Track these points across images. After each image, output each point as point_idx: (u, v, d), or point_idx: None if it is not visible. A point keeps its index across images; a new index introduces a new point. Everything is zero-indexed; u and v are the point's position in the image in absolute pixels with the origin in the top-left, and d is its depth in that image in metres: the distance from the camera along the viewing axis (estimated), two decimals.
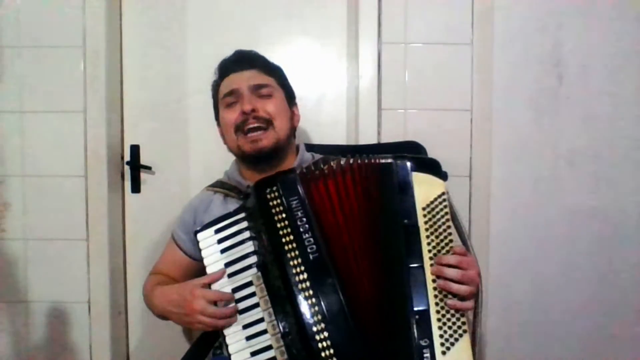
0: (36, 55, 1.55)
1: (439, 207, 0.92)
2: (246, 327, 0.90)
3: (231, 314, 0.91)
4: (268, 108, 1.11)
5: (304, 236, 0.89)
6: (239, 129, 1.11)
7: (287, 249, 0.88)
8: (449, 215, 0.92)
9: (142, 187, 1.66)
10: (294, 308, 0.86)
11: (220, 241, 0.96)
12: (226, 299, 0.92)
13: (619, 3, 1.55)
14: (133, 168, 1.64)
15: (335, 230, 0.91)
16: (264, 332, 0.89)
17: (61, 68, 1.55)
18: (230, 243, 0.96)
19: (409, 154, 0.99)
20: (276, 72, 1.21)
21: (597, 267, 1.59)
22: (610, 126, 1.57)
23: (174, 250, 1.20)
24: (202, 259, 0.97)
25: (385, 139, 1.55)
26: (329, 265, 0.88)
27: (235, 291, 0.93)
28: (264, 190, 0.93)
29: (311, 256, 0.88)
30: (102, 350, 1.58)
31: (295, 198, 0.92)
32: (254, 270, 0.93)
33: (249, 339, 0.90)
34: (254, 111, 1.10)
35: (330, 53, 1.64)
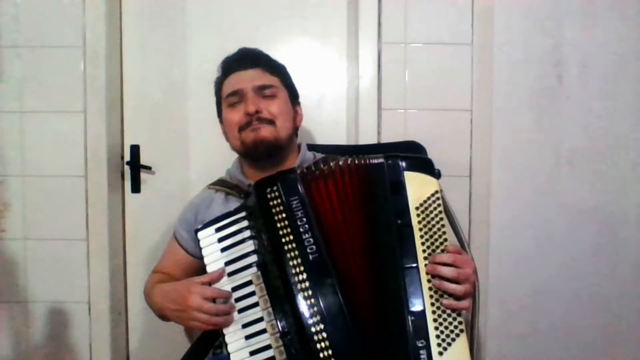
0: (36, 55, 1.55)
1: (433, 206, 0.92)
2: (245, 326, 0.90)
3: (227, 311, 0.91)
4: (272, 109, 1.12)
5: (304, 236, 0.89)
6: (242, 129, 1.11)
7: (286, 248, 0.88)
8: (443, 214, 0.92)
9: (142, 187, 1.66)
10: (293, 308, 0.86)
11: (220, 240, 0.96)
12: (223, 296, 0.92)
13: (619, 3, 1.55)
14: (133, 168, 1.64)
15: (334, 231, 0.91)
16: (263, 331, 0.89)
17: (61, 68, 1.55)
18: (231, 242, 0.95)
19: (408, 153, 0.99)
20: (280, 71, 1.20)
21: (597, 267, 1.58)
22: (610, 126, 1.57)
23: (175, 248, 1.20)
24: (203, 257, 0.97)
25: (385, 139, 1.55)
26: (329, 265, 0.88)
27: (234, 290, 0.92)
28: (265, 189, 0.93)
29: (311, 256, 0.88)
30: (102, 350, 1.58)
31: (295, 198, 0.92)
32: (253, 269, 0.92)
33: (248, 338, 0.89)
34: (257, 112, 1.10)
35: (330, 53, 1.64)
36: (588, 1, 1.55)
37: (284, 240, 0.89)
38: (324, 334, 0.84)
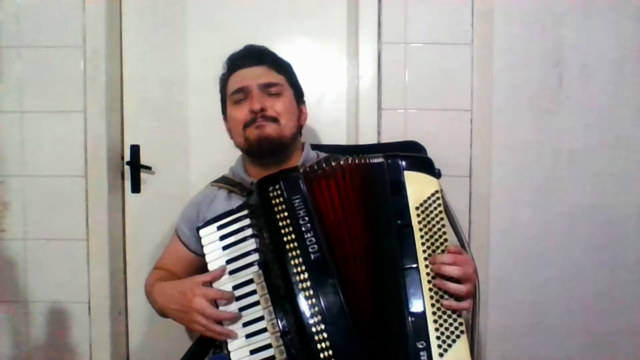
0: (36, 55, 1.55)
1: (433, 206, 0.91)
2: (246, 325, 0.90)
3: (230, 318, 0.90)
4: (277, 107, 1.11)
5: (306, 235, 0.89)
6: (247, 126, 1.11)
7: (288, 247, 0.88)
8: (443, 214, 0.91)
9: (142, 187, 1.66)
10: (293, 307, 0.86)
11: (222, 238, 0.96)
12: (227, 298, 0.92)
13: (619, 3, 1.55)
14: (133, 168, 1.64)
15: (335, 231, 0.91)
16: (263, 330, 0.89)
17: (61, 68, 1.55)
18: (232, 240, 0.95)
19: (407, 153, 0.99)
20: (286, 69, 1.20)
21: (597, 266, 1.59)
22: (610, 126, 1.57)
23: (177, 245, 1.20)
24: (205, 255, 0.97)
25: (385, 139, 1.55)
26: (330, 265, 0.88)
27: (235, 288, 0.92)
28: (267, 188, 0.93)
29: (312, 256, 0.88)
30: (102, 350, 1.58)
31: (297, 197, 0.92)
32: (255, 267, 0.92)
33: (248, 337, 0.89)
34: (262, 110, 1.09)
35: (330, 53, 1.64)
36: (588, 1, 1.55)
37: (285, 239, 0.89)
38: (325, 334, 0.84)
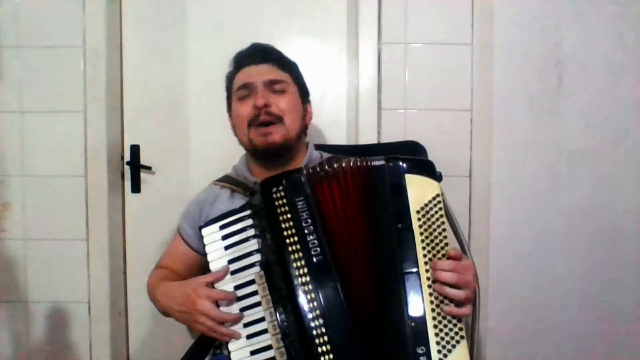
0: (36, 55, 1.55)
1: (434, 210, 0.90)
2: (247, 326, 0.90)
3: (234, 320, 0.90)
4: (281, 104, 1.11)
5: (308, 238, 0.88)
6: (251, 124, 1.11)
7: (290, 250, 0.88)
8: (444, 218, 0.91)
9: (142, 187, 1.66)
10: (294, 309, 0.85)
11: (224, 237, 0.96)
12: (229, 299, 0.91)
13: (619, 3, 1.55)
14: (133, 168, 1.64)
15: (338, 233, 0.90)
16: (264, 331, 0.88)
17: (61, 68, 1.55)
18: (235, 240, 0.95)
19: (408, 154, 0.98)
20: (291, 68, 1.20)
21: (597, 266, 1.59)
22: (610, 126, 1.57)
23: (179, 244, 1.20)
24: (206, 254, 0.97)
25: (385, 139, 1.55)
26: (332, 268, 0.87)
27: (237, 288, 0.92)
28: (270, 189, 0.93)
29: (315, 259, 0.87)
30: (102, 350, 1.58)
31: (301, 198, 0.91)
32: (257, 268, 0.92)
33: (249, 337, 0.89)
34: (266, 106, 1.09)
35: (330, 53, 1.64)
36: (588, 1, 1.55)
37: (288, 241, 0.88)
38: (325, 337, 0.83)
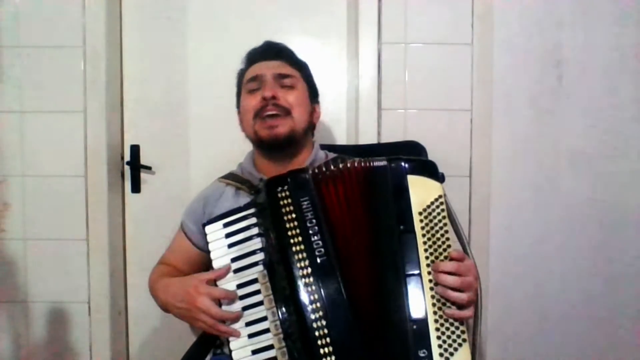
0: (36, 55, 1.55)
1: (436, 212, 0.90)
2: (249, 325, 0.89)
3: (234, 318, 0.90)
4: (289, 98, 1.11)
5: (313, 238, 0.88)
6: (257, 115, 1.11)
7: (294, 250, 0.87)
8: (447, 219, 0.90)
9: (142, 187, 1.66)
10: (297, 310, 0.85)
11: (228, 235, 0.95)
12: (231, 298, 0.91)
13: (619, 3, 1.55)
14: (133, 168, 1.64)
15: (341, 234, 0.90)
16: (266, 330, 0.88)
17: (61, 68, 1.55)
18: (238, 238, 0.94)
19: (408, 154, 0.98)
20: (302, 66, 1.21)
21: (597, 267, 1.59)
22: (610, 126, 1.57)
23: (182, 240, 1.20)
24: (210, 251, 0.96)
25: (385, 139, 1.55)
26: (336, 269, 0.87)
27: (239, 287, 0.91)
28: (275, 188, 0.92)
29: (318, 259, 0.87)
30: (102, 350, 1.58)
31: (306, 198, 0.91)
32: (260, 267, 0.91)
33: (251, 336, 0.89)
34: (274, 98, 1.10)
35: (330, 53, 1.64)
36: (588, 1, 1.56)
37: (292, 241, 0.88)
38: (328, 339, 0.83)
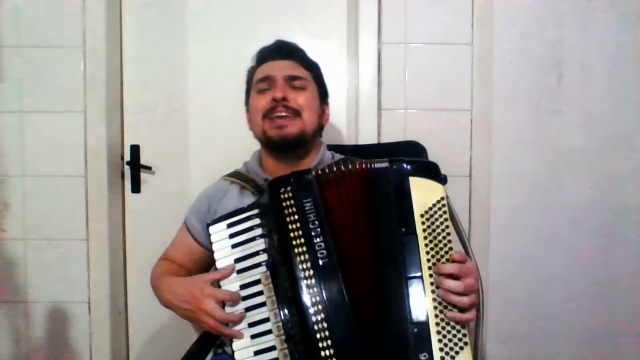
0: (36, 55, 1.55)
1: (438, 214, 0.89)
2: (251, 326, 0.89)
3: (238, 320, 0.90)
4: (299, 99, 1.11)
5: (315, 240, 0.87)
6: (266, 115, 1.11)
7: (297, 251, 0.87)
8: (449, 222, 0.89)
9: (142, 187, 1.66)
10: (299, 312, 0.84)
11: (232, 236, 0.95)
12: (235, 300, 0.91)
13: (619, 3, 1.55)
14: (133, 168, 1.64)
15: (343, 236, 0.89)
16: (268, 332, 0.88)
17: (61, 68, 1.55)
18: (242, 239, 0.94)
19: (409, 154, 0.97)
20: (313, 67, 1.21)
21: (597, 266, 1.59)
22: (610, 126, 1.57)
23: (185, 237, 1.19)
24: (213, 251, 0.96)
25: (385, 139, 1.55)
26: (338, 271, 0.86)
27: (242, 288, 0.91)
28: (278, 189, 0.92)
29: (321, 261, 0.86)
30: (102, 350, 1.58)
31: (309, 200, 0.90)
32: (263, 268, 0.91)
33: (253, 337, 0.89)
34: (284, 100, 1.09)
35: (330, 53, 1.64)
36: (588, 1, 1.56)
37: (294, 242, 0.87)
38: (329, 341, 0.82)
